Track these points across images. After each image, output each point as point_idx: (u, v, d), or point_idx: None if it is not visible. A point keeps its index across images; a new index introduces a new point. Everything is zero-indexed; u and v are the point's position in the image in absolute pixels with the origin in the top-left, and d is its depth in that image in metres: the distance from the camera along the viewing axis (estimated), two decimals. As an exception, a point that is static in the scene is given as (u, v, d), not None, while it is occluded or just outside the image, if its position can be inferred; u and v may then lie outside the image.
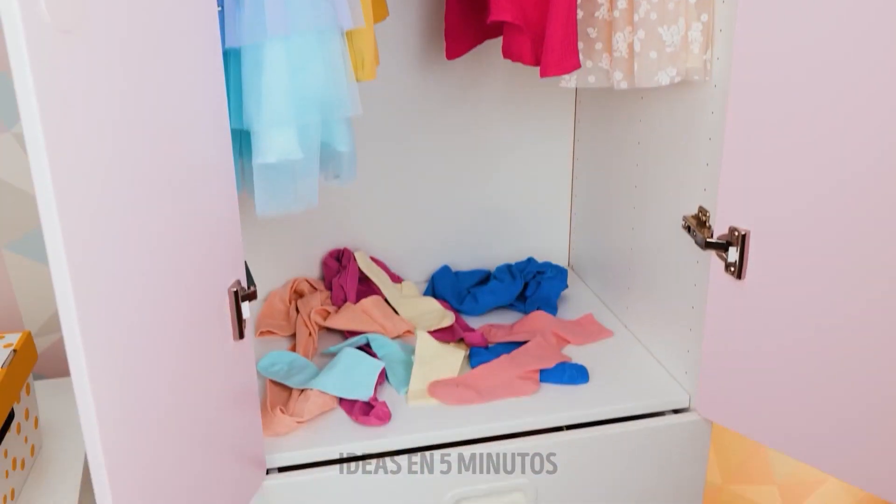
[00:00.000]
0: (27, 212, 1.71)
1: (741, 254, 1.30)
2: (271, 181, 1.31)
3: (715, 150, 1.33)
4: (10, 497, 1.39)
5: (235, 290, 1.13)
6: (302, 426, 1.40)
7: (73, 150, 0.84)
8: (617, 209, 1.70)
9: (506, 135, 1.83)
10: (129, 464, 0.98)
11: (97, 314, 0.89)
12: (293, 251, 1.81)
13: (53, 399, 1.66)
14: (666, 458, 1.48)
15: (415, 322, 1.69)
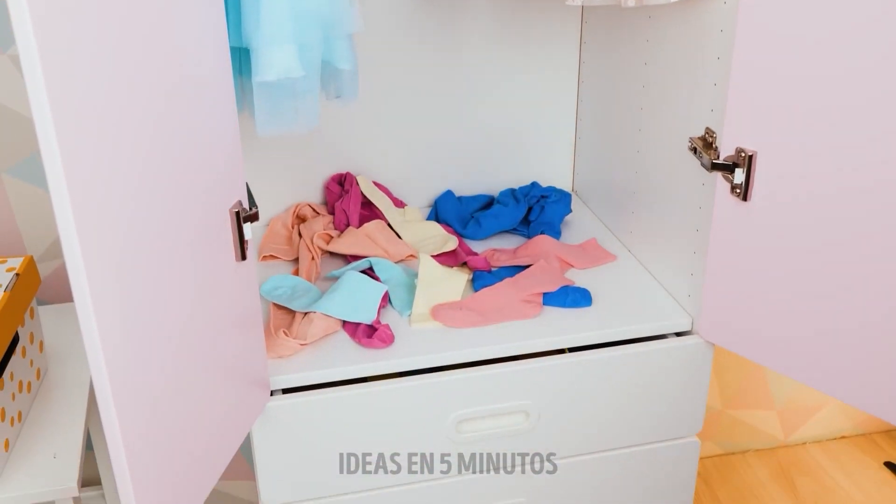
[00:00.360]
0: (26, 136, 1.70)
1: (747, 175, 1.29)
2: (272, 100, 1.30)
3: (723, 70, 1.31)
4: (17, 419, 1.41)
5: (237, 210, 1.13)
6: (305, 349, 1.40)
7: (69, 71, 0.83)
8: (622, 132, 1.68)
9: (511, 57, 1.81)
10: (134, 386, 0.98)
11: (98, 237, 0.89)
12: (295, 176, 1.80)
13: (58, 324, 1.67)
14: (667, 381, 1.48)
15: (418, 246, 1.69)
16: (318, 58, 1.30)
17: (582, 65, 1.84)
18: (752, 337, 1.38)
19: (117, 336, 0.93)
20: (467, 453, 1.44)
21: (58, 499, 1.35)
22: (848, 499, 2.22)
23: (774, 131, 1.25)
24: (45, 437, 1.41)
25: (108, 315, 0.91)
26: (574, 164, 1.94)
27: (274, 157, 1.76)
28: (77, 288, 0.88)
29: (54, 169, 0.83)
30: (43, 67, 0.79)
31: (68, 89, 0.83)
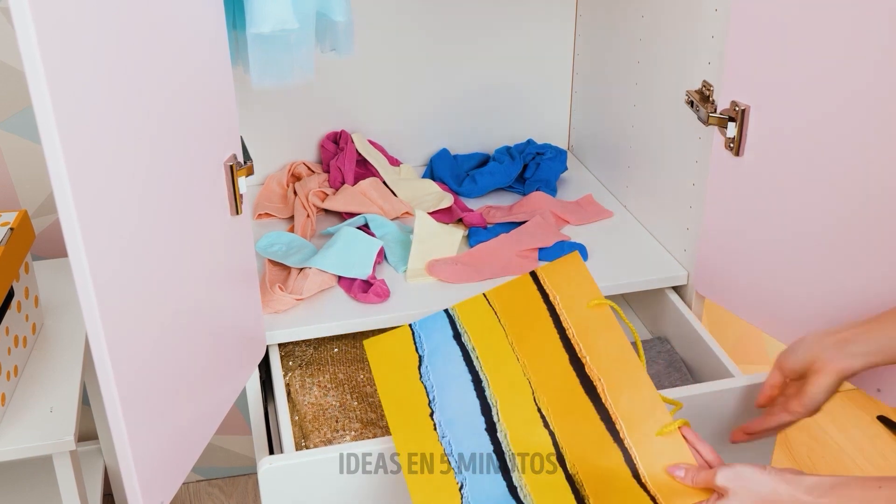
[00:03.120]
0: (18, 89, 1.69)
1: (740, 129, 1.29)
2: (266, 52, 1.29)
3: (722, 22, 1.30)
4: (13, 374, 1.41)
5: (231, 163, 1.12)
6: (301, 304, 1.40)
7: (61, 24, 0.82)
8: (619, 87, 1.67)
9: (507, 13, 1.79)
10: (129, 340, 0.98)
11: (92, 191, 0.88)
12: (290, 134, 1.79)
13: (53, 279, 1.67)
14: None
15: (413, 204, 1.68)
16: (313, 9, 1.29)
17: (578, 18, 1.82)
18: (742, 294, 1.38)
19: (112, 290, 0.93)
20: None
21: (54, 452, 1.36)
22: (841, 452, 2.24)
23: (770, 85, 1.25)
24: (41, 391, 1.42)
25: (103, 269, 0.91)
26: (570, 121, 1.93)
27: (269, 115, 1.75)
28: (71, 242, 0.88)
29: (47, 123, 0.82)
30: (34, 21, 0.78)
31: (60, 43, 0.82)
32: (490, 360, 1.23)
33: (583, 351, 1.17)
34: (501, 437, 1.15)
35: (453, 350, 1.26)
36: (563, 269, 1.27)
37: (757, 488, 0.99)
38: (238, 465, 2.18)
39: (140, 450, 1.02)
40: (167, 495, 1.11)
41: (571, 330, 1.20)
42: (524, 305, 1.26)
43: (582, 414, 1.13)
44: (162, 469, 1.09)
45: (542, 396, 1.17)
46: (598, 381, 1.14)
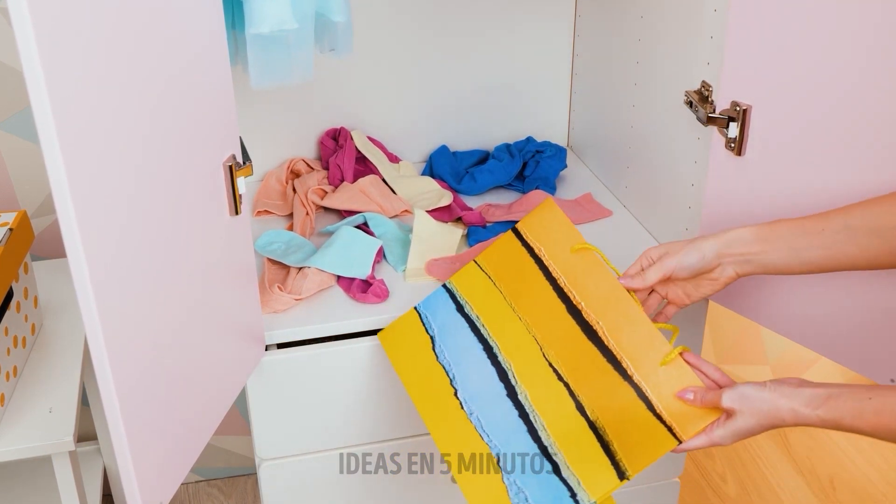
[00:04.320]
0: (18, 90, 1.69)
1: (741, 129, 1.29)
2: (265, 52, 1.29)
3: (720, 22, 1.30)
4: (12, 374, 1.41)
5: (230, 164, 1.12)
6: (300, 303, 1.40)
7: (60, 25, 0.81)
8: (618, 86, 1.67)
9: (507, 11, 1.79)
10: (128, 341, 0.98)
11: (91, 192, 0.88)
12: (289, 131, 1.79)
13: (52, 279, 1.67)
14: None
15: (412, 201, 1.68)
16: (312, 10, 1.29)
17: (578, 18, 1.82)
18: (743, 293, 1.38)
19: (110, 290, 0.93)
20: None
21: (54, 453, 1.36)
22: (840, 453, 2.24)
23: (770, 85, 1.25)
24: (40, 391, 1.42)
25: (102, 269, 0.91)
26: (569, 119, 1.93)
27: (268, 112, 1.74)
28: (70, 243, 0.88)
29: (45, 124, 0.82)
30: (33, 22, 0.78)
31: (58, 43, 0.82)
32: (494, 324, 1.28)
33: (577, 298, 1.22)
34: (522, 400, 1.21)
35: (459, 323, 1.30)
36: (542, 220, 1.29)
37: (759, 406, 1.07)
38: (237, 465, 2.18)
39: (139, 450, 1.02)
40: (166, 496, 1.11)
41: (562, 279, 1.24)
42: (514, 264, 1.29)
43: (589, 360, 1.19)
44: (161, 469, 1.09)
45: (550, 351, 1.22)
46: (598, 325, 1.20)
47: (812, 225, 1.15)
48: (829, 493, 2.13)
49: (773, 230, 1.17)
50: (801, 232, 1.16)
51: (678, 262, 1.20)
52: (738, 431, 1.09)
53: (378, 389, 1.40)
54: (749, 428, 1.08)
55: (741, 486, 2.16)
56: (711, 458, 2.24)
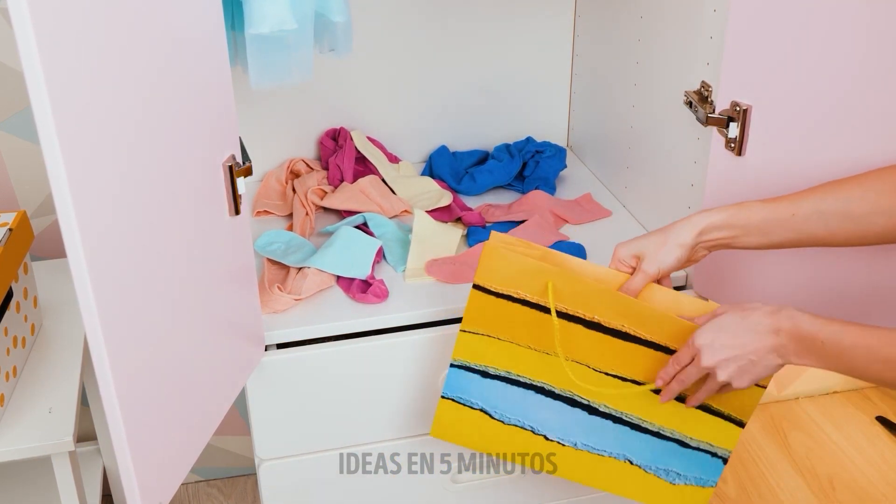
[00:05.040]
0: (17, 90, 1.69)
1: (742, 129, 1.29)
2: (265, 53, 1.29)
3: (720, 23, 1.30)
4: (12, 374, 1.41)
5: (230, 164, 1.12)
6: (300, 304, 1.40)
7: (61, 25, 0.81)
8: (618, 86, 1.67)
9: (507, 11, 1.79)
10: (128, 341, 0.98)
11: (91, 191, 0.88)
12: (289, 131, 1.79)
13: (52, 279, 1.67)
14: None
15: (412, 202, 1.68)
16: (311, 10, 1.29)
17: (577, 18, 1.82)
18: (743, 294, 1.38)
19: (111, 290, 0.93)
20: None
21: (53, 453, 1.36)
22: (840, 453, 2.24)
23: (770, 85, 1.25)
24: (40, 391, 1.42)
25: (102, 269, 0.91)
26: (569, 119, 1.93)
27: (268, 112, 1.74)
28: (70, 243, 0.88)
29: (45, 124, 0.82)
30: (33, 22, 0.78)
31: (59, 44, 0.82)
32: (530, 369, 1.27)
33: (587, 314, 1.21)
34: (606, 410, 1.27)
35: (497, 385, 1.29)
36: (493, 264, 1.23)
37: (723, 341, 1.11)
38: (237, 465, 2.18)
39: (139, 450, 1.02)
40: (166, 496, 1.11)
41: (561, 305, 1.22)
42: (502, 316, 1.25)
43: (640, 355, 1.22)
44: (161, 469, 1.09)
45: (599, 363, 1.24)
46: (623, 327, 1.21)
47: (783, 210, 1.17)
48: (829, 493, 2.13)
49: (744, 216, 1.18)
50: (771, 217, 1.17)
51: (658, 267, 1.21)
52: None
53: (378, 389, 1.40)
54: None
55: (741, 486, 2.16)
56: (711, 459, 2.24)
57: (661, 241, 1.20)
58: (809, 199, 1.16)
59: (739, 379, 1.11)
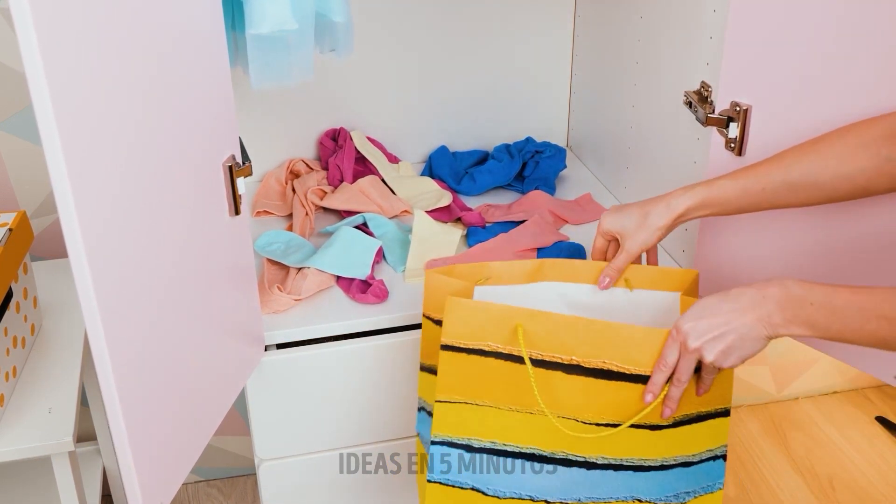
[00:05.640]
0: (17, 90, 1.69)
1: (742, 129, 1.29)
2: (265, 53, 1.29)
3: (719, 23, 1.30)
4: (12, 374, 1.41)
5: (230, 164, 1.12)
6: (299, 304, 1.40)
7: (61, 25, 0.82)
8: (617, 87, 1.67)
9: (507, 11, 1.79)
10: (129, 340, 0.98)
11: (92, 191, 0.88)
12: (289, 132, 1.79)
13: (52, 280, 1.67)
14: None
15: (412, 202, 1.68)
16: (312, 10, 1.29)
17: (577, 19, 1.82)
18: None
19: (112, 290, 0.93)
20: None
21: (53, 453, 1.36)
22: (839, 453, 2.24)
23: (770, 85, 1.25)
24: (40, 392, 1.42)
25: (103, 269, 0.91)
26: (569, 120, 1.93)
27: (268, 112, 1.74)
28: (71, 243, 0.88)
29: (47, 124, 0.82)
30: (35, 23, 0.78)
31: (60, 44, 0.82)
32: (515, 436, 1.20)
33: (565, 357, 1.15)
34: (604, 461, 1.20)
35: (484, 459, 1.21)
36: (459, 320, 1.16)
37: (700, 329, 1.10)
38: (237, 465, 2.18)
39: (140, 450, 1.02)
40: (167, 496, 1.11)
41: (535, 352, 1.16)
42: (478, 374, 1.18)
43: (624, 396, 1.16)
44: (161, 469, 1.09)
45: (585, 414, 1.17)
46: (604, 363, 1.15)
47: (752, 184, 1.20)
48: (829, 493, 2.13)
49: (716, 194, 1.22)
50: (742, 193, 1.21)
51: (641, 245, 1.24)
52: None
53: (378, 389, 1.40)
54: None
55: (740, 486, 2.16)
56: (711, 459, 2.24)
57: (640, 222, 1.24)
58: (775, 171, 1.19)
59: (728, 358, 1.09)
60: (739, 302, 1.08)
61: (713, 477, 1.24)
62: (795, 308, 1.05)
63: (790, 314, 1.05)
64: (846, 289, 1.04)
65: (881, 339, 1.02)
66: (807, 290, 1.05)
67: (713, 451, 1.23)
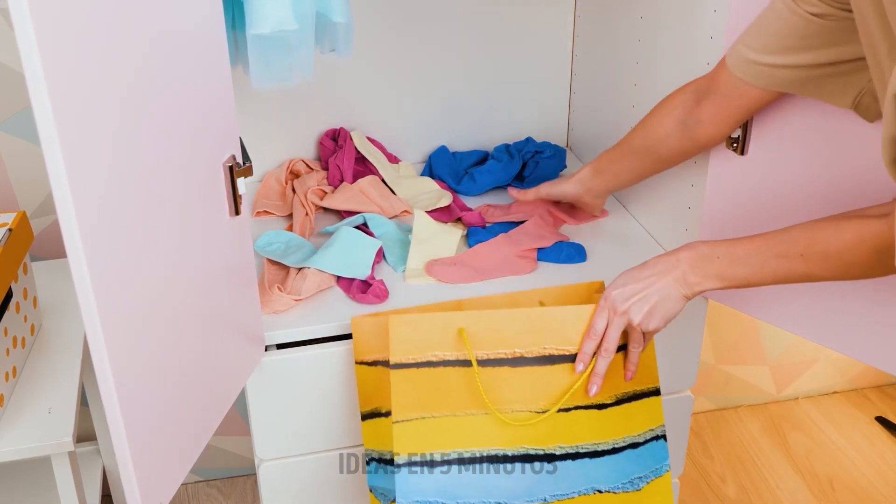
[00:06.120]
0: (16, 90, 1.69)
1: (745, 129, 1.29)
2: (266, 53, 1.29)
3: (720, 23, 1.30)
4: (11, 374, 1.41)
5: (230, 164, 1.12)
6: (300, 304, 1.40)
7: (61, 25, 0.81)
8: (618, 86, 1.67)
9: (506, 11, 1.79)
10: (129, 340, 0.98)
11: (92, 191, 0.88)
12: (289, 132, 1.79)
13: (51, 280, 1.67)
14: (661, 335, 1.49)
15: (412, 202, 1.68)
16: (312, 10, 1.29)
17: (578, 18, 1.82)
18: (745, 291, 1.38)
19: (111, 291, 0.93)
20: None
21: (53, 453, 1.36)
22: (839, 453, 2.24)
23: (771, 85, 1.25)
24: (39, 392, 1.41)
25: (102, 270, 0.91)
26: (569, 120, 1.93)
27: (268, 112, 1.74)
28: (70, 243, 0.88)
29: (46, 125, 0.82)
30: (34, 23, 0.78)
31: (59, 44, 0.81)
32: (474, 440, 1.24)
33: (509, 351, 1.22)
34: (563, 451, 1.26)
35: (449, 474, 1.23)
36: (405, 335, 1.22)
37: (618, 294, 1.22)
38: (237, 465, 2.18)
39: (139, 450, 1.02)
40: (166, 496, 1.11)
41: (481, 353, 1.22)
42: (429, 388, 1.22)
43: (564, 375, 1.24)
44: (161, 469, 1.09)
45: (538, 404, 1.23)
46: (544, 349, 1.22)
47: (616, 153, 1.46)
48: (829, 493, 2.13)
49: (600, 165, 1.48)
50: (613, 160, 1.46)
51: (549, 190, 1.55)
52: None
53: (378, 390, 1.40)
54: None
55: (740, 486, 2.16)
56: (711, 459, 2.24)
57: (563, 181, 1.54)
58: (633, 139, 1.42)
59: (652, 319, 1.20)
60: (657, 268, 1.20)
61: (658, 458, 1.30)
62: (705, 265, 1.17)
63: (702, 271, 1.17)
64: (746, 237, 1.16)
65: (782, 276, 1.13)
66: (713, 247, 1.17)
67: (654, 430, 1.30)
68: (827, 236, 1.09)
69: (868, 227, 1.05)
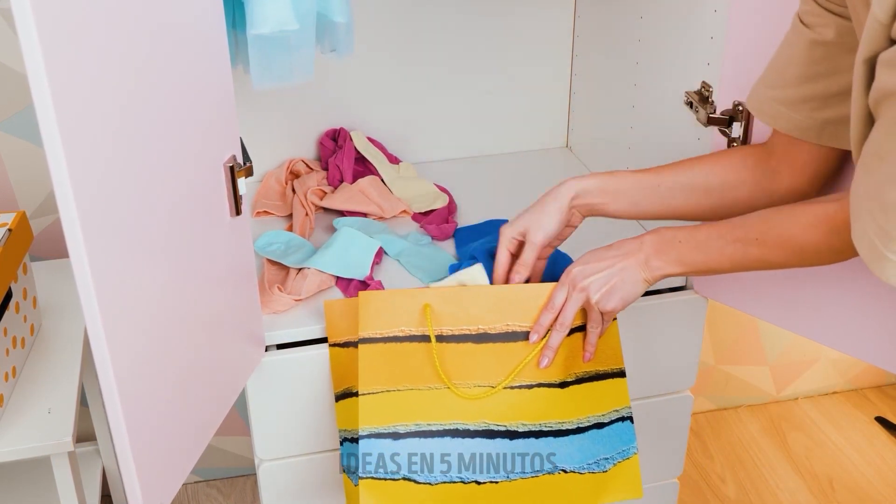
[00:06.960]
0: (17, 90, 1.69)
1: (746, 129, 1.29)
2: (266, 53, 1.29)
3: (720, 23, 1.30)
4: (11, 375, 1.41)
5: (231, 164, 1.12)
6: (299, 304, 1.40)
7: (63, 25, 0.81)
8: (617, 87, 1.67)
9: (505, 11, 1.79)
10: (130, 341, 0.98)
11: (93, 192, 0.88)
12: (289, 131, 1.79)
13: (51, 280, 1.67)
14: (661, 336, 1.49)
15: (409, 202, 1.68)
16: (313, 10, 1.29)
17: (577, 19, 1.82)
18: (746, 290, 1.38)
19: (112, 290, 0.93)
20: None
21: (53, 454, 1.36)
22: (839, 453, 2.24)
23: (771, 85, 1.25)
24: (39, 392, 1.41)
25: (104, 269, 0.91)
26: (569, 120, 1.93)
27: (268, 112, 1.74)
28: (72, 243, 0.88)
29: (48, 125, 0.82)
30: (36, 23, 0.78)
31: (61, 45, 0.81)
32: (438, 412, 1.25)
33: (472, 328, 1.24)
34: (524, 428, 1.26)
35: (414, 444, 1.24)
36: (375, 310, 1.25)
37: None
38: (237, 465, 2.18)
39: (140, 451, 1.02)
40: (167, 496, 1.11)
41: (445, 329, 1.25)
42: (394, 362, 1.25)
43: (524, 352, 1.25)
44: (162, 470, 1.09)
45: (498, 378, 1.25)
46: (507, 326, 1.24)
47: (648, 180, 1.26)
48: (829, 493, 2.13)
49: (615, 183, 1.27)
50: (639, 187, 1.27)
51: (543, 234, 1.26)
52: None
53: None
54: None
55: (740, 486, 2.16)
56: (710, 459, 2.24)
57: (540, 210, 1.27)
58: (674, 171, 1.26)
59: (611, 298, 1.20)
60: (622, 249, 1.21)
61: (625, 440, 1.30)
62: (668, 249, 1.18)
63: (664, 255, 1.18)
64: (707, 223, 1.17)
65: (738, 260, 1.14)
66: (675, 232, 1.18)
67: (619, 411, 1.30)
68: (783, 220, 1.10)
69: (823, 209, 1.07)
